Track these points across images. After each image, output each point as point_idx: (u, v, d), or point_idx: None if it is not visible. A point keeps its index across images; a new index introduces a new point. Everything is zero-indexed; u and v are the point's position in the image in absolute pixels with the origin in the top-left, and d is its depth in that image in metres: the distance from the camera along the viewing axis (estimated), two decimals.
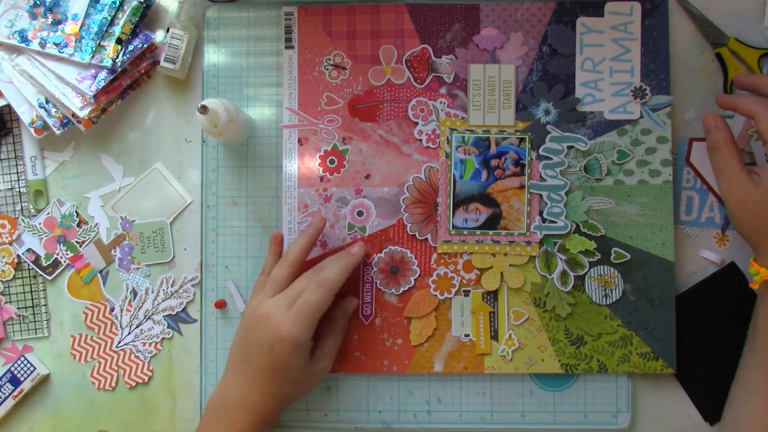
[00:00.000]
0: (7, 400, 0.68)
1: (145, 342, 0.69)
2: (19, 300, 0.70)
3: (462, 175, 0.67)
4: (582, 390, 0.67)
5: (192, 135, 0.70)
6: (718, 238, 0.68)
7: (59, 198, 0.70)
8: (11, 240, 0.69)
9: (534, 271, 0.66)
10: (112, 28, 0.66)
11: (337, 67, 0.68)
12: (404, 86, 0.68)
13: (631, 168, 0.66)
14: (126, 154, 0.70)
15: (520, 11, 0.67)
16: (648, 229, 0.66)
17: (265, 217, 0.69)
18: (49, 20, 0.66)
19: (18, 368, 0.68)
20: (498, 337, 0.66)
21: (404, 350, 0.67)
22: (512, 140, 0.67)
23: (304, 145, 0.68)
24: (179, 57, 0.67)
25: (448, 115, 0.67)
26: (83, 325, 0.69)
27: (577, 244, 0.66)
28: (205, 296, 0.69)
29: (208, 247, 0.69)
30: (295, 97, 0.68)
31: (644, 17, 0.67)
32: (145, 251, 0.69)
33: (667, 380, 0.67)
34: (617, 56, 0.67)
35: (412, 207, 0.67)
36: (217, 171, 0.69)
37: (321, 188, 0.68)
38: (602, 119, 0.67)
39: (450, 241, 0.66)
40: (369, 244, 0.67)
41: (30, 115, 0.67)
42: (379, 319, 0.67)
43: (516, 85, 0.67)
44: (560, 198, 0.66)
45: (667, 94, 0.66)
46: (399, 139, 0.68)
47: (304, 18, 0.68)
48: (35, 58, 0.66)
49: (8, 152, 0.70)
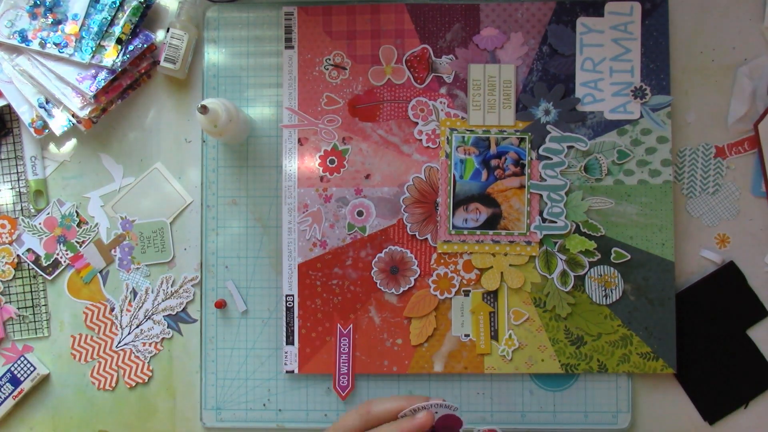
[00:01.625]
0: (7, 400, 0.68)
1: (145, 342, 0.69)
2: (19, 300, 0.70)
3: (462, 175, 0.67)
4: (582, 390, 0.67)
5: (192, 135, 0.70)
6: (718, 238, 0.68)
7: (59, 198, 0.70)
8: (11, 240, 0.69)
9: (534, 271, 0.66)
10: (112, 28, 0.66)
11: (337, 67, 0.68)
12: (404, 86, 0.68)
13: (631, 168, 0.66)
14: (126, 154, 0.70)
15: (520, 11, 0.67)
16: (648, 229, 0.66)
17: (265, 217, 0.69)
18: (49, 20, 0.66)
19: (18, 368, 0.68)
20: (498, 337, 0.66)
21: (404, 350, 0.67)
22: (512, 140, 0.67)
23: (304, 145, 0.68)
24: (179, 57, 0.67)
25: (448, 115, 0.67)
26: (83, 325, 0.69)
27: (577, 244, 0.66)
28: (205, 296, 0.69)
29: (208, 247, 0.69)
30: (295, 97, 0.68)
31: (644, 17, 0.67)
32: (145, 251, 0.69)
33: (667, 380, 0.67)
34: (617, 56, 0.67)
35: (412, 207, 0.67)
36: (217, 171, 0.69)
37: (321, 188, 0.68)
38: (602, 119, 0.67)
39: (450, 241, 0.66)
40: (369, 243, 0.67)
41: (30, 115, 0.68)
42: (379, 319, 0.67)
43: (516, 85, 0.67)
44: (560, 198, 0.66)
45: (667, 94, 0.66)
46: (399, 139, 0.68)
47: (304, 18, 0.68)
48: (35, 58, 0.66)
49: (8, 152, 0.70)
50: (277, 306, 0.68)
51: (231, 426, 0.68)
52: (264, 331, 0.68)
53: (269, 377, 0.68)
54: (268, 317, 0.68)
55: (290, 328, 0.67)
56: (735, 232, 0.67)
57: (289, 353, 0.67)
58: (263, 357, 0.68)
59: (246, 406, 0.68)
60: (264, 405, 0.68)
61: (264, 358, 0.68)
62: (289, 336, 0.67)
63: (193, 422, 0.69)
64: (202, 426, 0.68)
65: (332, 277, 0.67)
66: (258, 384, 0.68)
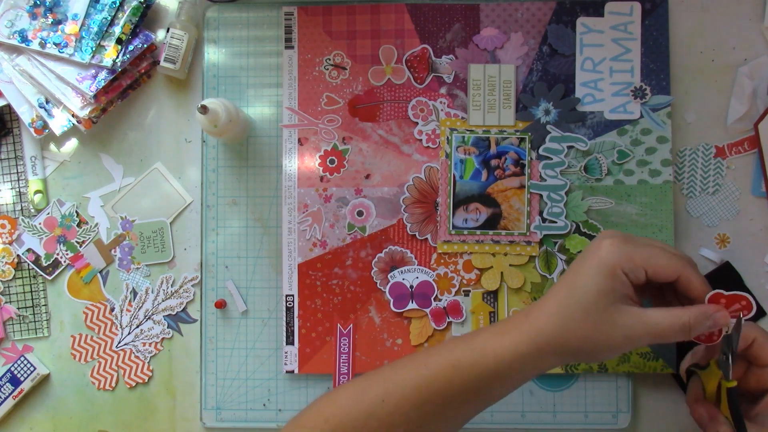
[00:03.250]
0: (7, 400, 0.68)
1: (145, 342, 0.69)
2: (19, 300, 0.70)
3: (462, 175, 0.67)
4: (582, 390, 0.67)
5: (192, 135, 0.70)
6: (718, 238, 0.68)
7: (59, 198, 0.70)
8: (11, 240, 0.69)
9: (534, 271, 0.66)
10: (112, 28, 0.66)
11: (337, 67, 0.68)
12: (404, 86, 0.68)
13: (631, 168, 0.66)
14: (126, 154, 0.70)
15: (520, 11, 0.67)
16: (648, 229, 0.66)
17: (264, 217, 0.69)
18: (49, 20, 0.66)
19: (18, 368, 0.68)
20: None
21: (404, 350, 0.67)
22: (512, 140, 0.67)
23: (304, 145, 0.68)
24: (179, 57, 0.67)
25: (448, 115, 0.67)
26: (83, 325, 0.69)
27: (577, 244, 0.66)
28: (205, 296, 0.69)
29: (208, 247, 0.69)
30: (295, 97, 0.68)
31: (644, 17, 0.67)
32: (145, 251, 0.69)
33: (667, 380, 0.67)
34: (617, 56, 0.67)
35: (412, 207, 0.67)
36: (217, 171, 0.69)
37: (321, 188, 0.68)
38: (602, 119, 0.67)
39: (450, 241, 0.66)
40: (369, 243, 0.67)
41: (30, 115, 0.68)
42: (379, 319, 0.67)
43: (516, 85, 0.67)
44: (560, 198, 0.66)
45: (667, 94, 0.66)
46: (399, 139, 0.68)
47: (304, 18, 0.68)
48: (35, 58, 0.66)
49: (8, 152, 0.70)
50: (277, 306, 0.68)
51: (231, 426, 0.68)
52: (264, 331, 0.68)
53: (269, 377, 0.68)
54: (268, 317, 0.68)
55: (290, 328, 0.67)
56: (735, 232, 0.67)
57: (289, 353, 0.67)
58: (263, 357, 0.68)
59: (246, 406, 0.68)
60: (264, 405, 0.68)
61: (264, 358, 0.68)
62: (289, 336, 0.67)
63: (193, 422, 0.69)
64: (202, 426, 0.68)
65: (332, 277, 0.67)
66: (258, 384, 0.68)
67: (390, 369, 0.52)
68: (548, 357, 0.49)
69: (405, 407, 0.49)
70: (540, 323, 0.48)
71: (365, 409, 0.50)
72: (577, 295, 0.48)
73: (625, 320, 0.47)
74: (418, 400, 0.49)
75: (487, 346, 0.49)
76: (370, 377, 0.52)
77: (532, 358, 0.48)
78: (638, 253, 0.48)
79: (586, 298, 0.48)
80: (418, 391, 0.49)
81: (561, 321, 0.48)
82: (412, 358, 0.52)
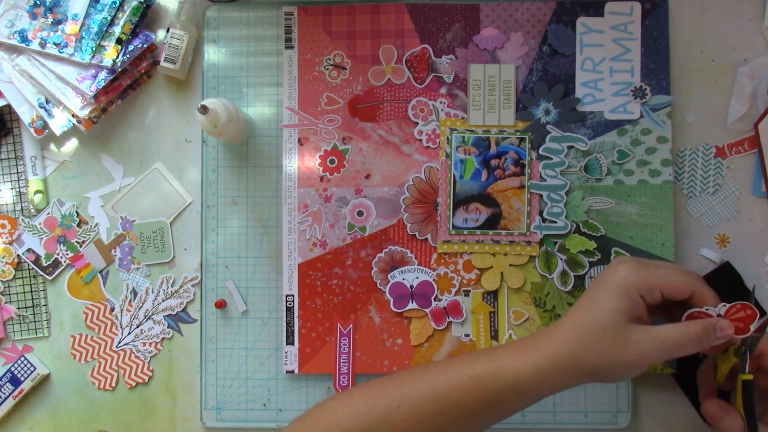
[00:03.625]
0: (7, 400, 0.68)
1: (145, 342, 0.69)
2: (19, 300, 0.70)
3: (462, 175, 0.67)
4: (582, 390, 0.67)
5: (192, 135, 0.70)
6: (718, 238, 0.68)
7: (59, 198, 0.70)
8: (11, 240, 0.69)
9: (534, 271, 0.66)
10: (112, 28, 0.66)
11: (337, 67, 0.68)
12: (404, 86, 0.68)
13: (631, 168, 0.66)
14: (126, 154, 0.70)
15: (520, 11, 0.67)
16: (648, 229, 0.66)
17: (265, 217, 0.69)
18: (49, 20, 0.66)
19: (18, 368, 0.68)
20: (498, 337, 0.66)
21: (404, 350, 0.67)
22: (512, 140, 0.67)
23: (304, 145, 0.68)
24: (179, 57, 0.67)
25: (448, 115, 0.67)
26: (83, 325, 0.69)
27: (577, 244, 0.66)
28: (205, 296, 0.69)
29: (208, 247, 0.69)
30: (295, 97, 0.68)
31: (644, 17, 0.67)
32: (145, 251, 0.69)
33: (667, 380, 0.67)
34: (617, 56, 0.67)
35: (412, 207, 0.67)
36: (217, 171, 0.69)
37: (321, 188, 0.68)
38: (602, 119, 0.67)
39: (450, 241, 0.66)
40: (369, 243, 0.67)
41: (30, 115, 0.68)
42: (379, 319, 0.67)
43: (516, 85, 0.67)
44: (560, 198, 0.66)
45: (667, 94, 0.66)
46: (399, 139, 0.68)
47: (304, 18, 0.68)
48: (35, 58, 0.66)
49: (8, 152, 0.70)
50: (277, 306, 0.68)
51: (231, 426, 0.68)
52: (264, 331, 0.68)
53: (269, 377, 0.68)
54: (268, 317, 0.68)
55: (290, 328, 0.67)
56: (735, 232, 0.67)
57: (289, 353, 0.67)
58: (263, 357, 0.68)
59: (246, 406, 0.68)
60: (264, 405, 0.68)
61: (264, 358, 0.68)
62: (289, 336, 0.67)
63: (193, 422, 0.69)
64: (202, 426, 0.68)
65: (332, 277, 0.67)
66: (258, 384, 0.68)
67: (406, 375, 0.53)
68: (565, 375, 0.50)
69: (420, 414, 0.50)
70: (559, 341, 0.50)
71: (380, 414, 0.51)
72: (594, 314, 0.50)
73: (639, 336, 0.49)
74: (434, 408, 0.50)
75: (507, 361, 0.50)
76: (384, 382, 0.53)
77: (550, 375, 0.50)
78: (654, 275, 0.51)
79: (603, 316, 0.49)
80: (435, 400, 0.50)
81: (578, 338, 0.50)
82: (430, 367, 0.53)
